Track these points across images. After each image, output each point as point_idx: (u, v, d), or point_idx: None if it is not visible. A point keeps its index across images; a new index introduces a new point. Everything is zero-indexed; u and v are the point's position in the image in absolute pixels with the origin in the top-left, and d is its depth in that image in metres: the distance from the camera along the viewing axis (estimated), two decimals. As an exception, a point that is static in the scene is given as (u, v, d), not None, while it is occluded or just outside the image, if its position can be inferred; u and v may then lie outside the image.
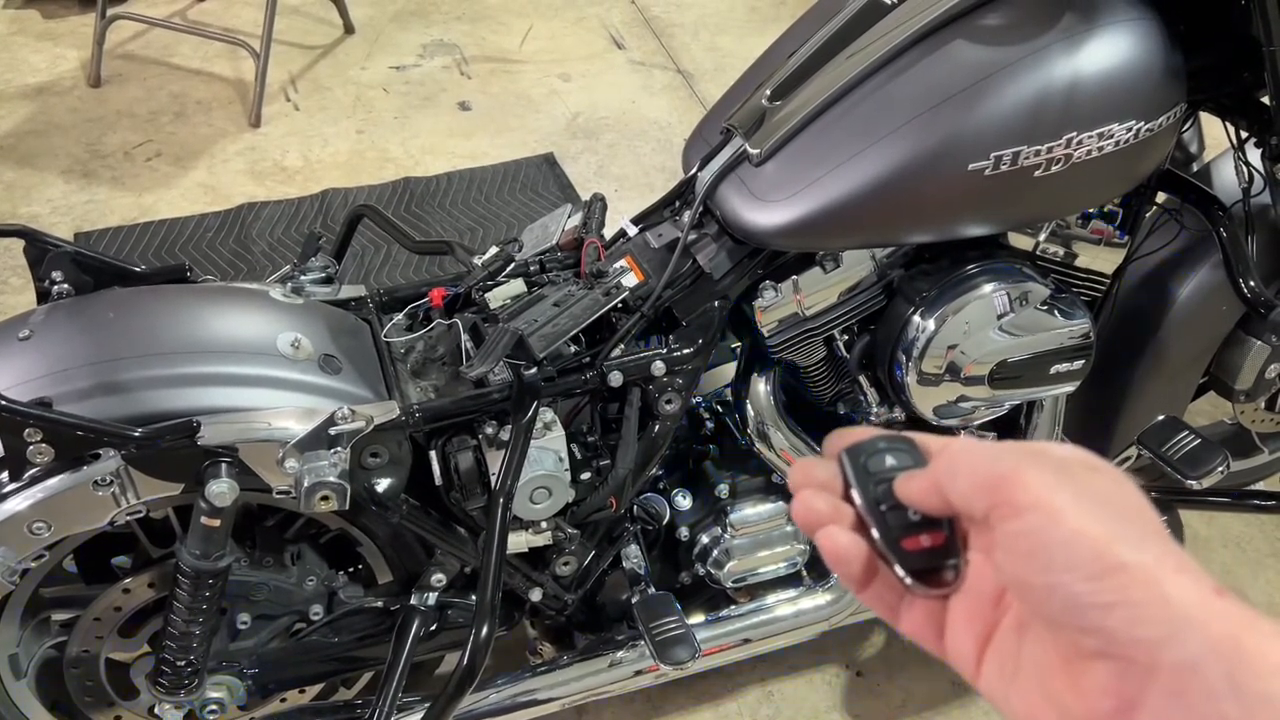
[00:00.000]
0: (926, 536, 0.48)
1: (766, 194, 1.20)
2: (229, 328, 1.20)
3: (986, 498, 0.44)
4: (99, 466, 1.07)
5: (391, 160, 2.72)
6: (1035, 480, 0.43)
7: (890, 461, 0.50)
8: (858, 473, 0.50)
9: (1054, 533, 0.41)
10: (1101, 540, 0.41)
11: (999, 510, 0.44)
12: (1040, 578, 0.41)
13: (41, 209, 2.50)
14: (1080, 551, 0.41)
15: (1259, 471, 1.86)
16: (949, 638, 0.48)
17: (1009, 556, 0.43)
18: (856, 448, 0.51)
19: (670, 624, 1.35)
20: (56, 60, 2.95)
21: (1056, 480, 0.43)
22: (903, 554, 0.48)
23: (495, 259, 1.29)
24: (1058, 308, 1.32)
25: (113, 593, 1.24)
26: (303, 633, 1.35)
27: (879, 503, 0.49)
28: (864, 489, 0.49)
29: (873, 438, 0.51)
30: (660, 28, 3.28)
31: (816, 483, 0.51)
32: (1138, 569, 0.40)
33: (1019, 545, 0.43)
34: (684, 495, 1.47)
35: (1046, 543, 0.41)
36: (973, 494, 0.45)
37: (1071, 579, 0.40)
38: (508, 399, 1.20)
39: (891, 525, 0.48)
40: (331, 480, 1.09)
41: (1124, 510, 0.43)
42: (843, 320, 1.33)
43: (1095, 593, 0.40)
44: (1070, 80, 1.13)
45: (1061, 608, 0.41)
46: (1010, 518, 0.43)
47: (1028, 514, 0.42)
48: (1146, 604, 0.39)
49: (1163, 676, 0.38)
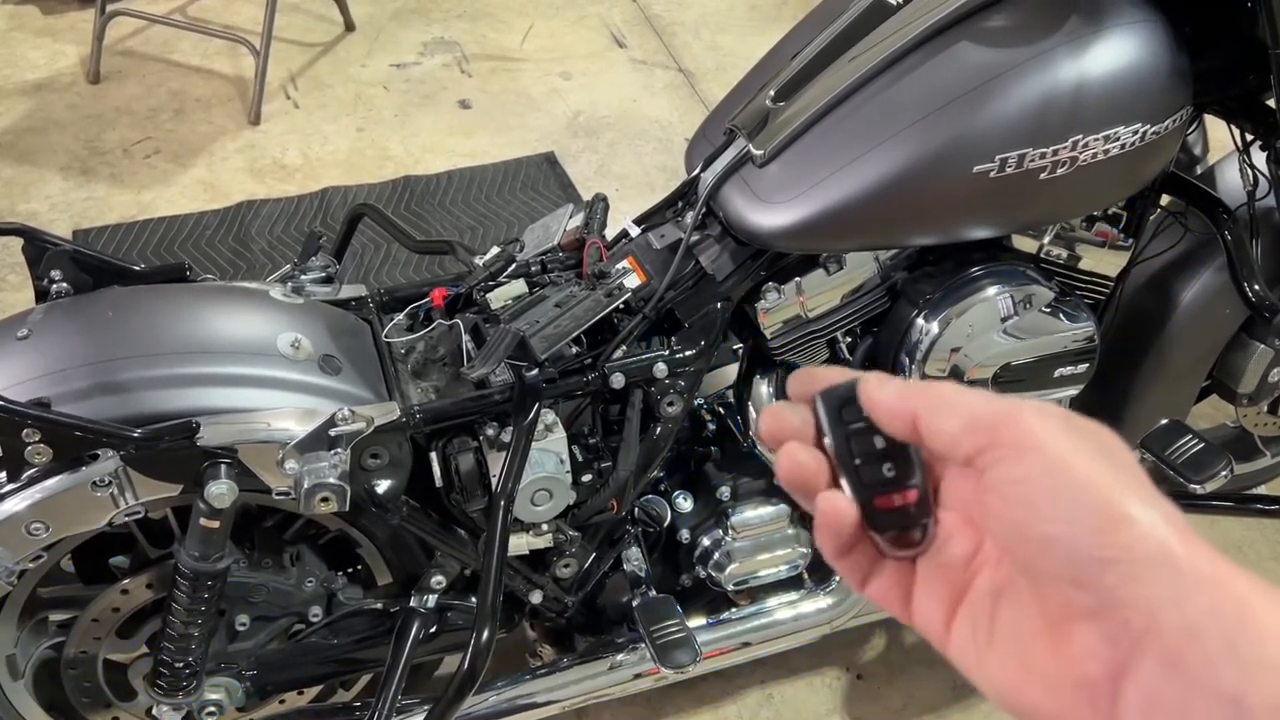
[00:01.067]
0: (899, 495, 0.45)
1: (770, 195, 1.19)
2: (228, 328, 1.19)
3: (980, 438, 0.41)
4: (97, 467, 1.06)
5: (391, 158, 2.71)
6: (1037, 422, 0.40)
7: None
8: (833, 422, 0.47)
9: (1058, 479, 0.39)
10: (1108, 492, 0.38)
11: (995, 452, 0.41)
12: (1040, 527, 0.39)
13: (40, 206, 2.49)
14: (1086, 502, 0.38)
15: (1261, 475, 1.86)
16: (916, 602, 0.46)
17: (1004, 503, 0.40)
18: (831, 393, 0.47)
19: (671, 627, 1.35)
20: (55, 56, 2.94)
21: (1060, 426, 0.40)
22: (875, 512, 0.45)
23: (496, 259, 1.29)
24: (1062, 311, 1.31)
25: (111, 593, 1.23)
26: (302, 634, 1.35)
27: (855, 457, 0.46)
28: (839, 441, 0.46)
29: (849, 381, 0.47)
30: (661, 26, 3.27)
31: (790, 432, 0.48)
32: (1146, 524, 0.38)
33: (1017, 491, 0.40)
34: (685, 497, 1.47)
35: (1049, 489, 0.39)
36: (963, 434, 0.42)
37: (1074, 530, 0.38)
38: (509, 400, 1.19)
39: (866, 482, 0.46)
40: (331, 482, 1.09)
41: (1126, 465, 0.40)
42: (846, 322, 1.32)
43: (1098, 546, 0.37)
44: (1076, 82, 1.13)
45: (1060, 560, 0.38)
46: (1008, 460, 0.40)
47: (1029, 456, 0.40)
48: (1152, 562, 0.37)
49: (1159, 641, 0.36)
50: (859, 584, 0.48)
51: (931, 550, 0.45)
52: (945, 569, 0.45)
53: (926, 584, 0.45)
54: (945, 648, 0.45)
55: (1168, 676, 0.36)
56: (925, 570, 0.45)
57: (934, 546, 0.45)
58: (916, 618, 0.46)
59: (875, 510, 0.46)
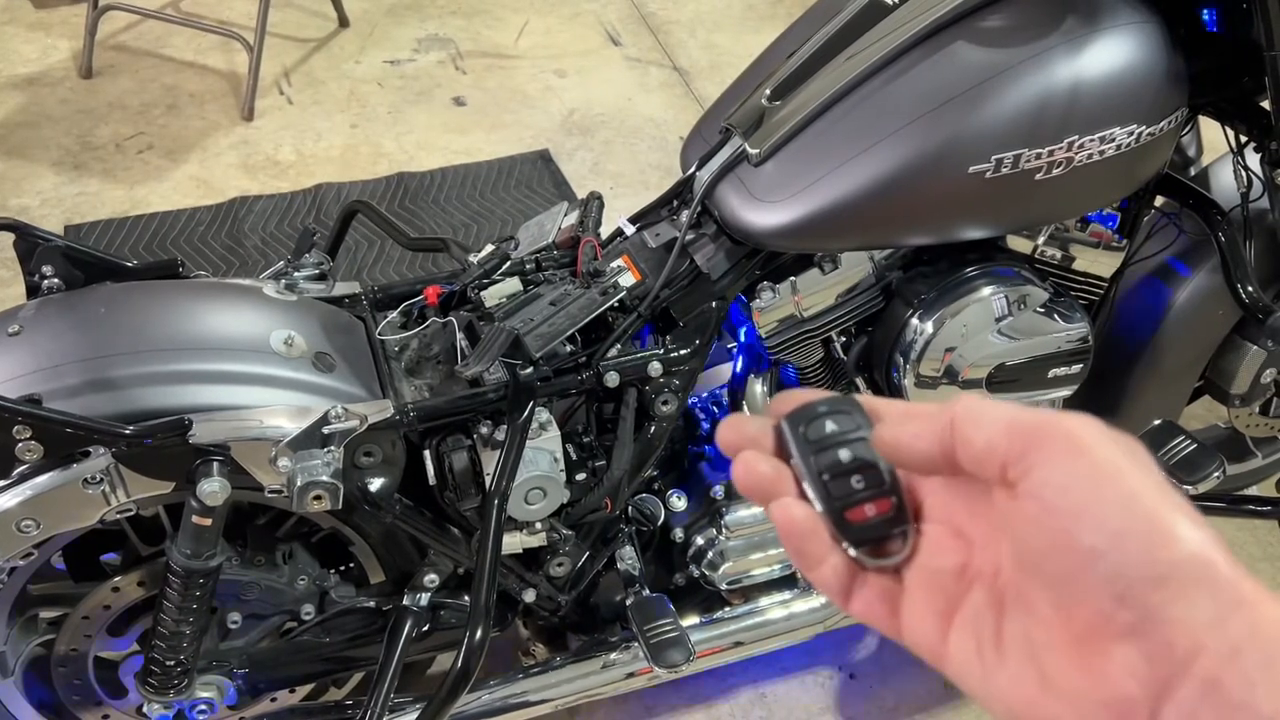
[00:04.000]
0: (872, 505, 0.45)
1: (765, 194, 1.19)
2: (221, 325, 1.19)
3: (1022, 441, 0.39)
4: (89, 464, 1.05)
5: (385, 155, 2.70)
6: (1085, 429, 0.38)
7: (832, 427, 0.46)
8: (798, 440, 0.47)
9: (1108, 490, 0.37)
10: (1159, 505, 0.37)
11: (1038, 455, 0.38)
12: (1087, 538, 0.37)
13: (32, 201, 2.47)
14: (1137, 515, 0.36)
15: (1252, 476, 1.86)
16: (906, 616, 0.44)
17: (1045, 511, 0.38)
18: (797, 414, 0.47)
19: (665, 626, 1.35)
20: (48, 51, 2.93)
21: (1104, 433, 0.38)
22: (847, 525, 0.45)
23: (491, 257, 1.28)
24: (1056, 311, 1.31)
25: (102, 591, 1.23)
26: (294, 632, 1.34)
27: (821, 472, 0.46)
28: (805, 457, 0.46)
29: (812, 402, 0.47)
30: (656, 24, 3.27)
31: (748, 440, 0.47)
32: (1195, 542, 0.36)
33: (1063, 499, 0.37)
34: (679, 496, 1.46)
35: (1099, 498, 0.37)
36: (1002, 438, 0.40)
37: (1124, 544, 0.36)
38: (503, 399, 1.19)
39: (835, 495, 0.45)
40: (324, 480, 1.08)
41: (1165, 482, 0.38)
42: (840, 322, 1.32)
43: (1149, 563, 0.36)
44: (1072, 83, 1.13)
45: (1105, 575, 0.36)
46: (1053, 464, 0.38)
47: (1078, 461, 0.37)
48: (1198, 583, 0.36)
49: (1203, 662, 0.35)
50: (842, 599, 0.46)
51: (919, 563, 0.44)
52: (936, 580, 0.43)
53: (916, 597, 0.44)
54: (941, 662, 0.43)
55: (1206, 699, 0.35)
56: (914, 583, 0.44)
57: (921, 559, 0.44)
58: (906, 632, 0.44)
59: (847, 523, 0.45)
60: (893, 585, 0.45)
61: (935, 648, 0.43)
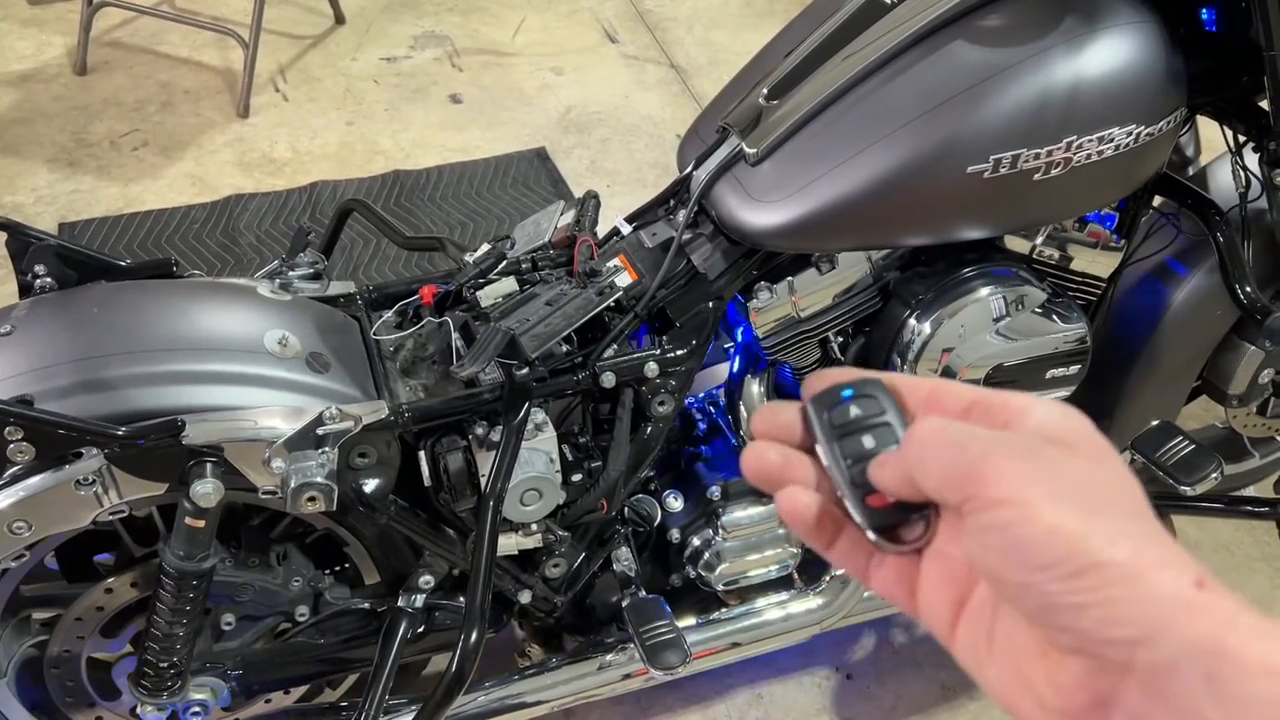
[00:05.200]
0: None
1: (762, 194, 1.18)
2: (215, 324, 1.18)
3: (958, 490, 0.42)
4: (81, 465, 1.05)
5: (381, 153, 2.70)
6: (1007, 470, 0.41)
7: (856, 412, 0.47)
8: (822, 425, 0.48)
9: (1027, 529, 0.39)
10: (1077, 536, 0.39)
11: (970, 503, 0.41)
12: (1014, 575, 0.40)
13: (25, 198, 2.46)
14: (1055, 549, 0.39)
15: (1250, 476, 1.86)
16: (922, 597, 0.46)
17: (982, 550, 0.41)
18: (821, 397, 0.49)
19: (661, 628, 1.34)
20: (42, 47, 2.92)
21: (1030, 469, 0.41)
22: (868, 511, 0.46)
23: (487, 256, 1.28)
24: (1054, 312, 1.31)
25: (95, 592, 1.22)
26: (288, 634, 1.34)
27: (844, 458, 0.47)
28: (829, 443, 0.47)
29: (837, 385, 0.49)
30: (654, 21, 3.26)
31: (779, 428, 0.49)
32: (1114, 566, 0.38)
33: (991, 540, 0.40)
34: (675, 497, 1.46)
35: (1019, 539, 0.39)
36: (943, 485, 0.43)
37: (1045, 578, 0.39)
38: (499, 399, 1.18)
39: (856, 481, 0.46)
40: (319, 481, 1.08)
41: (1103, 496, 0.40)
42: (838, 322, 1.32)
43: (1070, 592, 0.38)
44: (1071, 83, 1.12)
45: (1035, 606, 0.39)
46: (981, 510, 0.41)
47: (1000, 509, 0.40)
48: (1123, 603, 0.37)
49: (1138, 676, 0.37)
50: (861, 575, 0.48)
51: (937, 546, 0.45)
52: (950, 567, 0.45)
53: (932, 581, 0.46)
54: (950, 645, 0.45)
55: (1154, 705, 0.37)
56: (930, 567, 0.46)
57: (939, 543, 0.45)
58: (923, 611, 0.46)
59: (869, 509, 0.46)
60: (910, 567, 0.47)
61: (945, 632, 0.45)
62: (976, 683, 0.44)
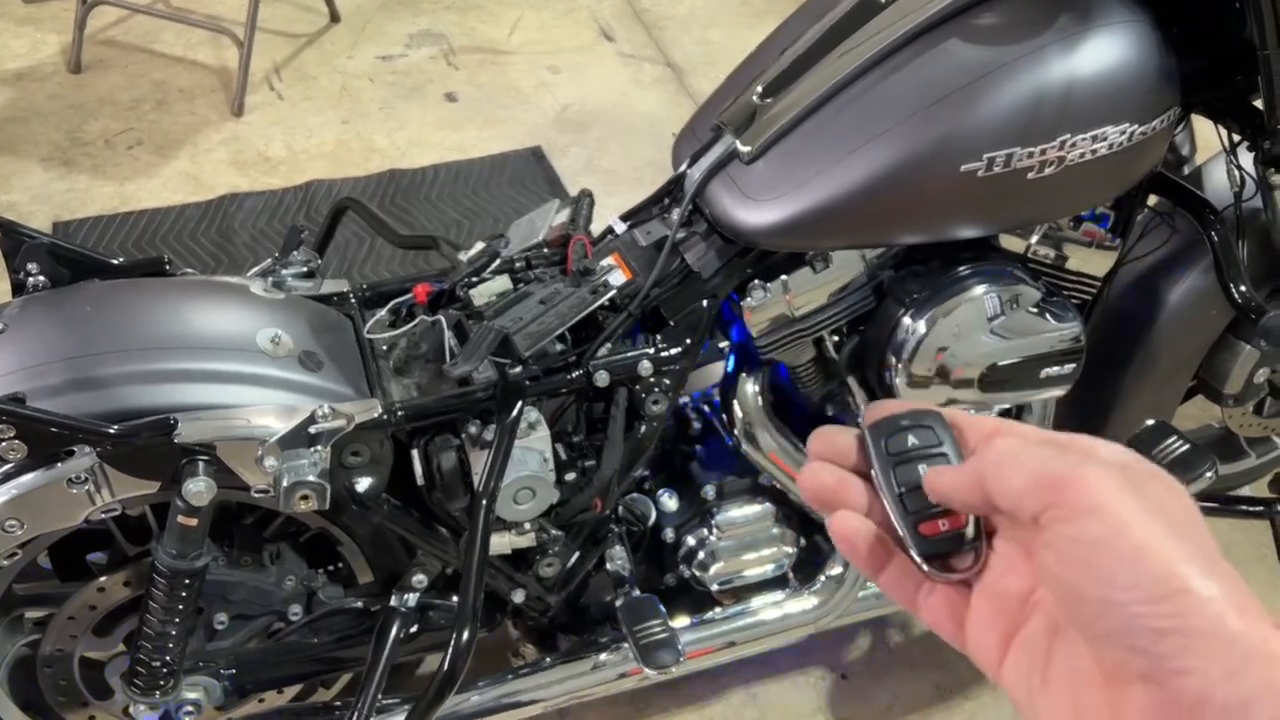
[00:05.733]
0: (945, 520, 0.46)
1: (757, 193, 1.18)
2: (208, 323, 1.18)
3: (1043, 498, 0.41)
4: (73, 464, 1.04)
5: (377, 151, 2.69)
6: (1099, 483, 0.40)
7: (913, 441, 0.48)
8: (879, 453, 0.49)
9: (1116, 545, 0.39)
10: (1167, 560, 0.38)
11: (1055, 512, 0.41)
12: (1096, 590, 0.39)
13: (20, 197, 2.46)
14: (1144, 569, 0.38)
15: (1245, 476, 1.86)
16: (970, 631, 0.46)
17: (1062, 563, 0.40)
18: (879, 425, 0.50)
19: (654, 627, 1.34)
20: (37, 46, 2.91)
21: (1120, 486, 0.40)
22: (920, 539, 0.47)
23: (481, 255, 1.28)
24: (1049, 311, 1.31)
25: (88, 591, 1.22)
26: (281, 633, 1.33)
27: (898, 483, 0.48)
28: (885, 470, 0.48)
29: (896, 414, 0.49)
30: (650, 20, 3.26)
31: (835, 451, 0.50)
32: (1203, 598, 0.37)
33: (1075, 552, 0.40)
34: (670, 496, 1.46)
35: (1107, 554, 0.39)
36: (1026, 493, 0.42)
37: (1131, 597, 0.38)
38: (492, 398, 1.18)
39: (910, 509, 0.47)
40: (311, 479, 1.08)
41: (1186, 528, 0.40)
42: (832, 321, 1.31)
43: (1155, 616, 0.37)
44: (1065, 82, 1.12)
45: (1115, 625, 0.38)
46: (1068, 520, 0.40)
47: (1088, 519, 0.39)
48: (1207, 635, 0.37)
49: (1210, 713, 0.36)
50: (909, 603, 0.48)
51: (988, 580, 0.45)
52: (1002, 601, 0.45)
53: (981, 612, 0.45)
54: (998, 678, 0.45)
55: None
56: (980, 599, 0.45)
57: (991, 577, 0.45)
58: (970, 645, 0.46)
59: (921, 536, 0.47)
60: (959, 598, 0.46)
61: (994, 665, 0.45)
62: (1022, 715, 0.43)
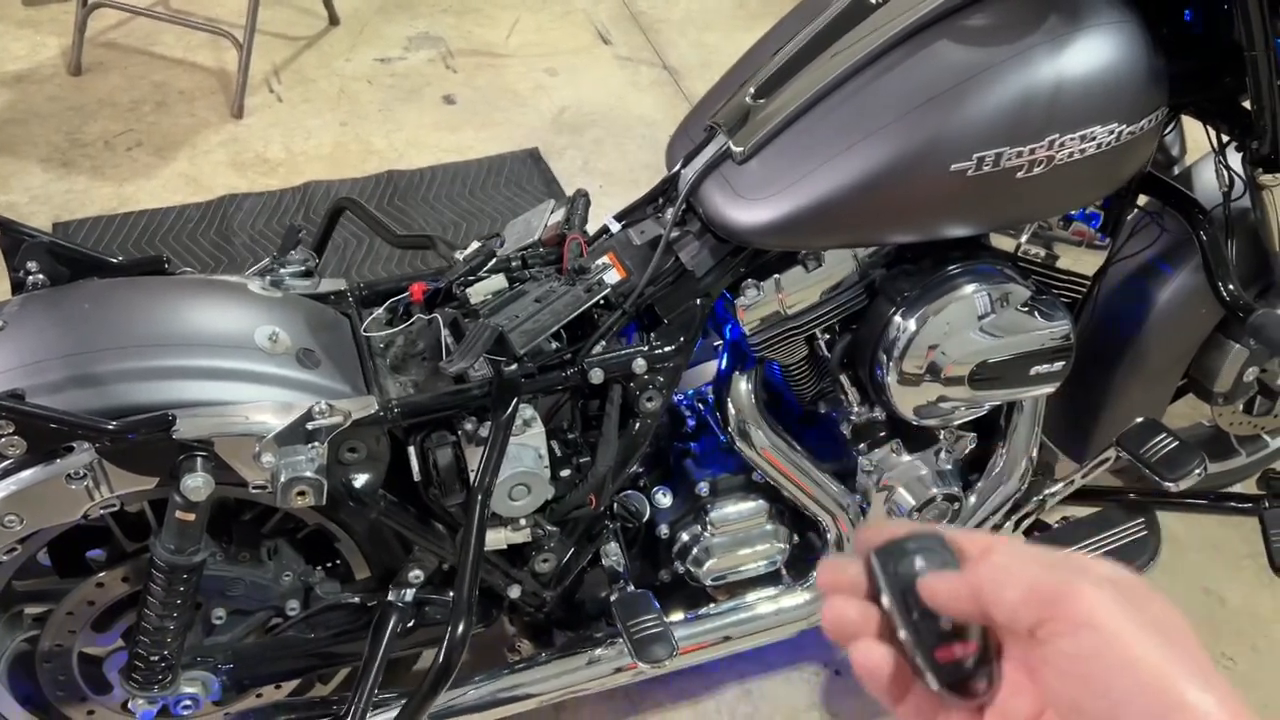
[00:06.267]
0: (959, 646, 0.46)
1: (749, 192, 1.20)
2: (206, 321, 1.19)
3: (1038, 611, 0.42)
4: (72, 460, 1.05)
5: (375, 153, 2.70)
6: (1093, 597, 0.41)
7: (920, 564, 0.48)
8: (888, 577, 0.48)
9: (1112, 657, 0.39)
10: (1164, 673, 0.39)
11: (1051, 626, 0.41)
12: (1094, 703, 0.40)
13: (20, 198, 2.47)
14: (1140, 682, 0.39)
15: (1236, 474, 1.87)
16: None
17: (1060, 677, 0.41)
18: (886, 549, 0.49)
19: (649, 622, 1.35)
20: (37, 48, 2.92)
21: (1114, 600, 0.41)
22: (935, 664, 0.46)
23: (477, 254, 1.29)
24: (1038, 309, 1.32)
25: (86, 586, 1.23)
26: (279, 628, 1.34)
27: (910, 610, 0.47)
28: (894, 595, 0.48)
29: (902, 537, 0.49)
30: (647, 23, 3.27)
31: (846, 584, 0.50)
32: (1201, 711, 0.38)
33: (1073, 666, 0.40)
34: (664, 493, 1.47)
35: (1104, 667, 0.39)
36: (1021, 606, 0.43)
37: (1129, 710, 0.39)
38: (488, 395, 1.19)
39: (924, 634, 0.47)
40: (308, 475, 1.09)
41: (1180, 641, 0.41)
42: (824, 319, 1.33)
43: None
44: (1053, 82, 1.14)
45: None
46: (1064, 634, 0.41)
47: (1084, 633, 0.40)
48: None
49: None
50: None
51: (998, 703, 0.46)
52: None
53: None
54: None
55: None
56: None
57: (1000, 698, 0.46)
58: None
59: (936, 662, 0.47)
60: None
61: None
62: None
